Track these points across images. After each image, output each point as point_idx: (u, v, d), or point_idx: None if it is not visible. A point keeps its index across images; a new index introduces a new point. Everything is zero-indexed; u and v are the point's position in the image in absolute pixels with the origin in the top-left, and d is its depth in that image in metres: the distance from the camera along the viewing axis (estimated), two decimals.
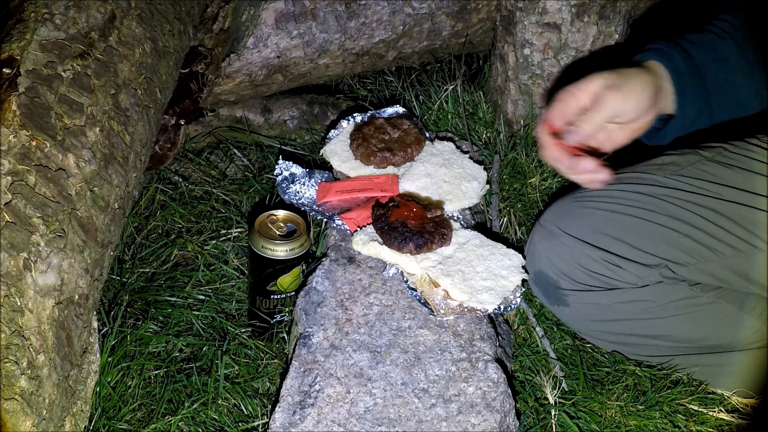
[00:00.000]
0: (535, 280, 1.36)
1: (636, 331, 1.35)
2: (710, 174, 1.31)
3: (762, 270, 1.27)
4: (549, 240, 1.33)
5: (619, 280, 1.30)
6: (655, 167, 1.35)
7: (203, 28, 1.73)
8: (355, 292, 1.29)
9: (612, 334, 1.37)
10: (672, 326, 1.33)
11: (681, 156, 1.35)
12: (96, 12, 1.34)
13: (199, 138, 1.84)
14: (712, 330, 1.33)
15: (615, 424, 1.28)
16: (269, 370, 1.34)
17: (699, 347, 1.35)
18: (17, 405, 0.95)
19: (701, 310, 1.31)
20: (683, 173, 1.32)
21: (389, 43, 1.90)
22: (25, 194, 1.07)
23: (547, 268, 1.33)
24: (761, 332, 1.32)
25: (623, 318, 1.33)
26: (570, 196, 1.37)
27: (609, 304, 1.31)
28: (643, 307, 1.31)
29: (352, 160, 1.52)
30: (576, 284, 1.32)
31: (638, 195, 1.31)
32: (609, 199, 1.32)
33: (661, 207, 1.30)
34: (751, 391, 1.34)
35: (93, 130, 1.22)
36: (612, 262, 1.29)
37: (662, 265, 1.29)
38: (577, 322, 1.38)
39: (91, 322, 1.20)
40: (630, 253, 1.29)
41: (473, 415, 1.12)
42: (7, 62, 1.18)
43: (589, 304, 1.33)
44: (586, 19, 1.62)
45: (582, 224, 1.32)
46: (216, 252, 1.55)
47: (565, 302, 1.34)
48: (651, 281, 1.30)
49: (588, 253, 1.30)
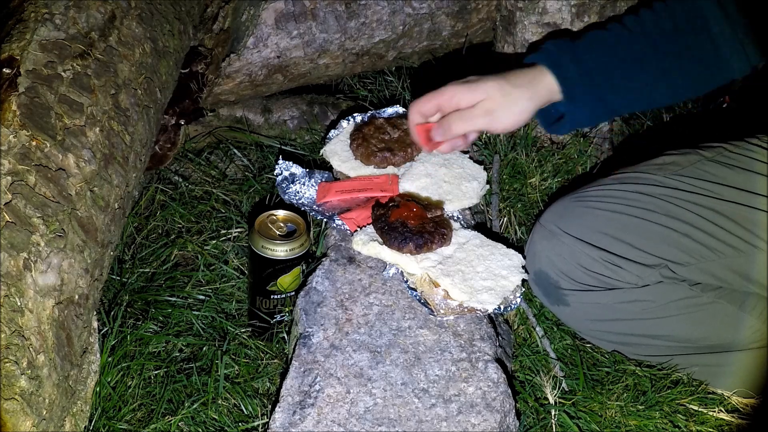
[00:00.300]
0: (536, 279, 1.36)
1: (636, 330, 1.35)
2: (711, 174, 1.31)
3: (762, 270, 1.27)
4: (549, 239, 1.33)
5: (619, 280, 1.30)
6: (655, 167, 1.35)
7: (203, 28, 1.73)
8: (355, 292, 1.29)
9: (612, 334, 1.37)
10: (672, 326, 1.33)
11: (681, 156, 1.35)
12: (96, 12, 1.34)
13: (199, 138, 1.84)
14: (712, 330, 1.33)
15: (615, 424, 1.28)
16: (269, 370, 1.34)
17: (699, 347, 1.35)
18: (17, 405, 0.95)
19: (701, 309, 1.31)
20: (684, 173, 1.32)
21: (389, 43, 1.90)
22: (25, 194, 1.07)
23: (547, 267, 1.33)
24: (761, 332, 1.32)
25: (623, 318, 1.33)
26: (570, 196, 1.37)
27: (609, 303, 1.31)
28: (643, 306, 1.31)
29: (352, 160, 1.51)
30: (576, 284, 1.32)
31: (638, 195, 1.31)
32: (609, 199, 1.32)
33: (661, 207, 1.30)
34: (751, 391, 1.34)
35: (93, 130, 1.22)
36: (612, 262, 1.29)
37: (662, 265, 1.29)
38: (577, 322, 1.38)
39: (91, 322, 1.20)
40: (630, 253, 1.29)
41: (473, 415, 1.12)
42: (7, 62, 1.18)
43: (589, 304, 1.33)
44: (586, 19, 1.62)
45: (582, 224, 1.32)
46: (216, 252, 1.55)
47: (565, 302, 1.34)
48: (651, 281, 1.30)
49: (588, 252, 1.30)
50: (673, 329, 1.33)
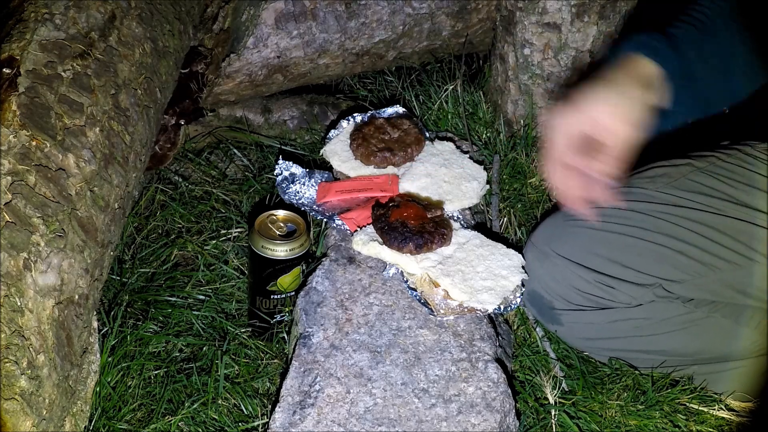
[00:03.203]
0: (529, 299, 1.35)
1: (631, 347, 1.34)
2: (703, 186, 1.28)
3: (759, 283, 1.24)
4: (542, 261, 1.32)
5: (612, 300, 1.29)
6: (646, 180, 1.31)
7: (203, 28, 1.73)
8: (355, 292, 1.29)
9: (608, 351, 1.36)
10: (667, 342, 1.32)
11: (673, 167, 1.32)
12: (96, 12, 1.34)
13: (199, 138, 1.84)
14: (707, 344, 1.32)
15: (615, 424, 1.28)
16: (269, 370, 1.34)
17: (696, 360, 1.34)
18: (17, 405, 0.95)
19: (696, 324, 1.30)
20: (676, 185, 1.29)
21: (389, 43, 1.90)
22: (25, 194, 1.07)
23: (540, 288, 1.32)
24: (759, 343, 1.30)
25: (617, 336, 1.32)
26: (561, 214, 1.34)
27: (603, 323, 1.30)
28: (636, 324, 1.30)
29: (352, 160, 1.52)
30: (570, 305, 1.31)
31: (630, 213, 1.28)
32: (600, 217, 1.29)
33: (654, 224, 1.27)
34: (750, 395, 1.33)
35: (93, 130, 1.22)
36: (606, 283, 1.27)
37: (656, 284, 1.27)
38: (572, 340, 1.37)
39: (91, 322, 1.20)
40: (624, 273, 1.27)
41: (473, 415, 1.12)
42: (7, 62, 1.18)
43: (583, 324, 1.32)
44: (586, 19, 1.62)
45: (574, 245, 1.30)
46: (216, 252, 1.55)
47: (559, 321, 1.34)
48: (644, 300, 1.28)
49: (581, 275, 1.28)
50: (668, 344, 1.32)
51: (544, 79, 1.70)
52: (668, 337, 1.31)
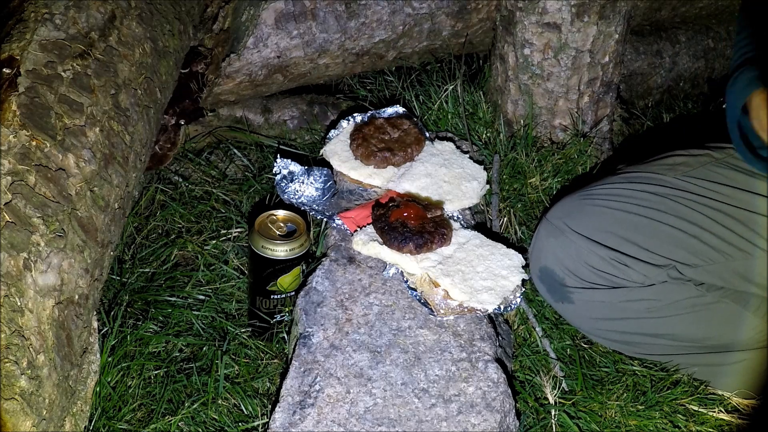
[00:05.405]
0: (540, 276, 1.36)
1: (639, 329, 1.34)
2: (721, 176, 1.31)
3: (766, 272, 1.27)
4: (556, 237, 1.33)
5: (625, 279, 1.30)
6: (665, 167, 1.35)
7: (203, 28, 1.73)
8: (355, 292, 1.29)
9: (615, 333, 1.36)
10: (676, 325, 1.33)
11: (692, 157, 1.35)
12: (96, 12, 1.34)
13: (199, 138, 1.84)
14: (715, 329, 1.33)
15: (615, 424, 1.28)
16: (269, 370, 1.34)
17: (702, 346, 1.35)
18: (17, 405, 0.95)
19: (705, 309, 1.31)
20: (694, 174, 1.32)
21: (389, 43, 1.90)
22: (25, 194, 1.07)
23: (553, 264, 1.33)
24: (764, 332, 1.32)
25: (627, 316, 1.33)
26: (578, 193, 1.37)
27: (614, 302, 1.31)
28: (648, 305, 1.31)
29: (352, 160, 1.51)
30: (582, 282, 1.32)
31: (648, 195, 1.31)
32: (619, 198, 1.32)
33: (671, 208, 1.29)
34: (752, 391, 1.34)
35: (93, 130, 1.22)
36: (620, 261, 1.29)
37: (670, 265, 1.29)
38: (580, 320, 1.38)
39: (91, 322, 1.20)
40: (639, 253, 1.29)
41: (473, 415, 1.12)
42: (7, 62, 1.18)
43: (593, 302, 1.33)
44: (586, 19, 1.62)
45: (591, 222, 1.31)
46: (216, 252, 1.55)
47: (569, 299, 1.34)
48: (657, 281, 1.30)
49: (596, 251, 1.29)
50: (676, 328, 1.33)
51: (544, 79, 1.70)
52: (678, 320, 1.32)
